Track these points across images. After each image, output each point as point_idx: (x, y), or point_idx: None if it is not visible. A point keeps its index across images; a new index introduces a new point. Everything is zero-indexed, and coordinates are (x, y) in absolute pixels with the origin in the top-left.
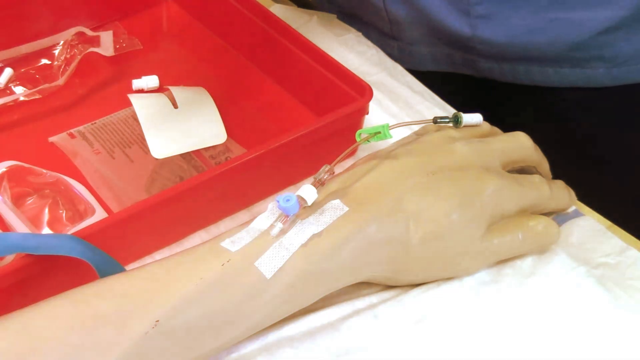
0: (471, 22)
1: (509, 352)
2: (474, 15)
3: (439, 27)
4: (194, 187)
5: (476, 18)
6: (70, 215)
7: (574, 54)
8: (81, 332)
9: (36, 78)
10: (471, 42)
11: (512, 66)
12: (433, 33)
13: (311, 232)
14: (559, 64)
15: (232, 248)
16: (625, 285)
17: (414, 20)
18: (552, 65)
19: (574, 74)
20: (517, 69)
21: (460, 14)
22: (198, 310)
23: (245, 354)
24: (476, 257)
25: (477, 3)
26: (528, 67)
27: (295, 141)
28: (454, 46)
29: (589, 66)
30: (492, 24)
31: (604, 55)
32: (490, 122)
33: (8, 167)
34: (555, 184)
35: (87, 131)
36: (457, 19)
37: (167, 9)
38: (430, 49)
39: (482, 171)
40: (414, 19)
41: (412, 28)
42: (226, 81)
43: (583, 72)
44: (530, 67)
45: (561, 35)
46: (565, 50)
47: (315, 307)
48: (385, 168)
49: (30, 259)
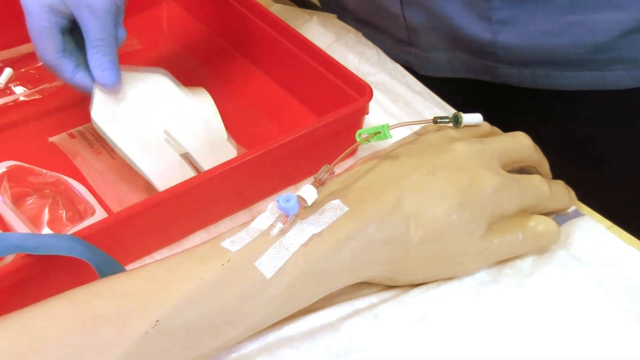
0: (492, 27)
1: (509, 352)
2: (495, 21)
3: (458, 33)
4: (194, 187)
5: (497, 23)
6: (70, 215)
7: (594, 56)
8: (81, 332)
9: (36, 78)
10: (491, 48)
11: (532, 71)
12: (452, 39)
13: (311, 232)
14: (579, 67)
15: (232, 248)
16: (625, 285)
17: (433, 26)
18: (572, 69)
19: (593, 77)
20: (536, 74)
21: (481, 19)
22: (198, 310)
23: (245, 354)
24: (476, 257)
25: (497, 8)
26: (548, 72)
27: (295, 141)
28: (473, 52)
29: (609, 69)
30: (513, 28)
31: (624, 57)
32: (490, 122)
33: (8, 167)
34: (555, 184)
35: (87, 131)
36: (477, 25)
37: (167, 9)
38: (448, 56)
39: (482, 171)
40: (432, 25)
41: (430, 35)
42: (226, 81)
43: (603, 74)
44: (550, 71)
45: (581, 37)
46: (586, 52)
47: (315, 307)
48: (385, 168)
49: (30, 259)
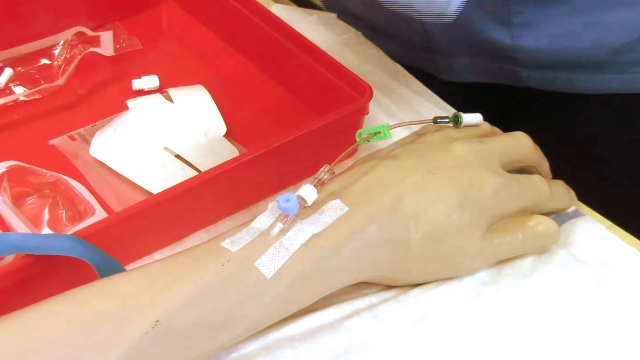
0: (512, 31)
1: (509, 352)
2: (516, 25)
3: (479, 38)
4: (194, 187)
5: (517, 27)
6: (70, 215)
7: (617, 58)
8: (81, 332)
9: (36, 78)
10: (512, 52)
11: (554, 74)
12: (472, 44)
13: (311, 232)
14: (602, 69)
15: (232, 248)
16: (625, 285)
17: (452, 32)
18: (594, 71)
19: (617, 79)
20: (559, 77)
21: (501, 24)
22: (198, 310)
23: (245, 354)
24: (476, 257)
25: (518, 12)
26: (570, 75)
27: (295, 141)
28: (494, 57)
29: (632, 71)
30: (534, 31)
31: None
32: (490, 122)
33: (8, 167)
34: (555, 184)
35: (87, 133)
36: (498, 30)
37: (167, 9)
38: (468, 61)
39: (482, 171)
40: (452, 31)
41: (450, 40)
42: (226, 81)
43: (626, 77)
44: (572, 74)
45: (603, 38)
46: (608, 54)
47: (315, 307)
48: (385, 168)
49: (30, 259)
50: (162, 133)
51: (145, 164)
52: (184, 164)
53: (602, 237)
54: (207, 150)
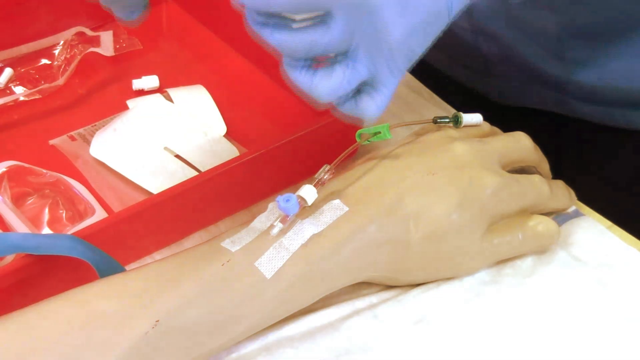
0: (565, 65)
1: (509, 352)
2: (568, 60)
3: (531, 67)
4: (194, 187)
5: (570, 62)
6: (70, 215)
7: None
8: (81, 332)
9: (36, 78)
10: (565, 85)
11: (607, 110)
12: (525, 72)
13: (311, 232)
14: None
15: (232, 248)
16: (625, 285)
17: (506, 58)
18: None
19: None
20: (612, 112)
21: (554, 57)
22: (198, 310)
23: (245, 354)
24: (476, 257)
25: (571, 48)
26: (624, 111)
27: (295, 141)
28: (547, 86)
29: None
30: (586, 68)
31: None
32: (490, 122)
33: (8, 167)
34: (555, 184)
35: (87, 133)
36: (550, 62)
37: (167, 9)
38: (522, 87)
39: (482, 171)
40: (505, 57)
41: (505, 65)
42: (226, 81)
43: None
44: (627, 110)
45: None
46: None
47: (315, 307)
48: (385, 168)
49: (30, 259)
50: (162, 133)
51: (145, 164)
52: (184, 164)
53: (602, 237)
54: (207, 150)
